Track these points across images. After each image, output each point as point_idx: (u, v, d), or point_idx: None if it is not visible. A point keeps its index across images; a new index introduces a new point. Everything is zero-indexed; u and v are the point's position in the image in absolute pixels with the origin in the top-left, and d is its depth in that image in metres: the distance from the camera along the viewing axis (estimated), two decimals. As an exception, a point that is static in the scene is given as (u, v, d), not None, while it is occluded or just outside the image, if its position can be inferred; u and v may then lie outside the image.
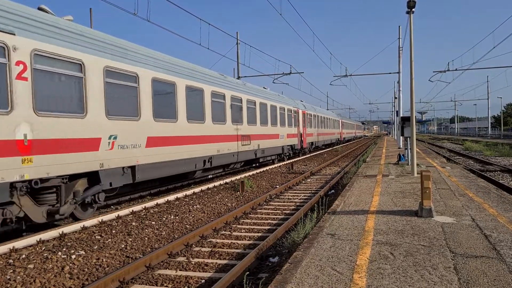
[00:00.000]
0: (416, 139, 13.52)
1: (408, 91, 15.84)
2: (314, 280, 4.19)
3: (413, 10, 12.19)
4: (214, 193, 12.53)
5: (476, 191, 9.55)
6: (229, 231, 8.05)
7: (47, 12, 8.12)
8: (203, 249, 6.87)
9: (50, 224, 8.48)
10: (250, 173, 17.63)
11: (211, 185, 13.87)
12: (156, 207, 10.31)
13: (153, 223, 8.67)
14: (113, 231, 7.97)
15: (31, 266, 5.93)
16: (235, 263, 5.97)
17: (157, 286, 5.34)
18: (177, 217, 9.29)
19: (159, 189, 13.30)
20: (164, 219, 9.07)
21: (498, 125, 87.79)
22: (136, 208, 9.86)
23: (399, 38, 29.85)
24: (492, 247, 5.13)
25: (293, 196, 12.12)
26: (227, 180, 15.01)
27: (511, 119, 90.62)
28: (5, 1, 6.94)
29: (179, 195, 11.76)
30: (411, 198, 8.83)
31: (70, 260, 6.23)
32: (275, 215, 9.50)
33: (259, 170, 18.60)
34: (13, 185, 6.86)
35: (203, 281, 5.45)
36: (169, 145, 11.40)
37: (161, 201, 10.88)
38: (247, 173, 17.40)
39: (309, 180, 15.72)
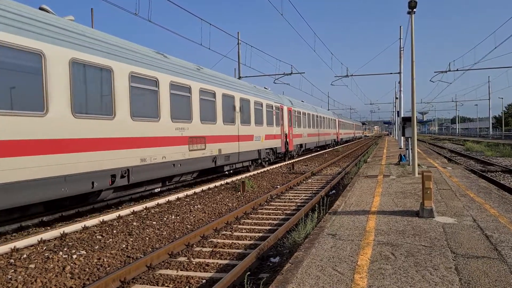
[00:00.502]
0: (417, 140, 13.51)
1: (409, 91, 15.87)
2: (315, 281, 4.19)
3: (414, 10, 12.18)
4: (215, 193, 12.53)
5: (477, 191, 9.54)
6: (230, 231, 8.05)
7: (48, 12, 8.13)
8: (204, 249, 6.88)
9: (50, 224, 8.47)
10: (251, 173, 17.64)
11: (212, 185, 13.87)
12: (157, 207, 10.32)
13: (154, 223, 8.68)
14: (114, 231, 7.97)
15: (32, 265, 5.94)
16: (236, 263, 5.97)
17: (158, 286, 5.34)
18: (178, 217, 9.29)
19: (159, 189, 13.20)
20: (165, 219, 9.08)
21: (499, 126, 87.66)
22: (137, 208, 9.87)
23: (400, 38, 29.84)
24: (493, 247, 5.12)
25: (294, 196, 12.12)
26: (228, 180, 15.01)
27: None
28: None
29: (180, 195, 11.76)
30: (412, 198, 8.82)
31: (71, 260, 6.23)
32: (276, 215, 9.50)
33: (260, 171, 18.60)
34: None
35: (204, 281, 5.45)
36: (34, 154, 7.13)
37: (162, 201, 10.89)
38: (248, 174, 17.41)
39: (310, 180, 15.72)
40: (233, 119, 15.85)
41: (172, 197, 11.44)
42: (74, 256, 6.39)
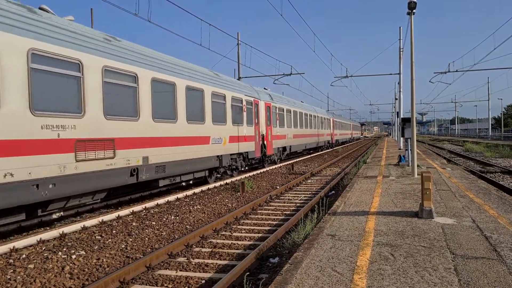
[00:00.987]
0: (417, 140, 13.52)
1: (408, 92, 15.88)
2: (315, 281, 4.19)
3: (413, 11, 12.19)
4: (214, 194, 12.53)
5: (477, 192, 9.55)
6: (230, 231, 8.05)
7: (47, 12, 8.13)
8: (203, 249, 6.88)
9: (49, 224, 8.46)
10: (251, 174, 17.63)
11: (211, 185, 13.87)
12: (157, 208, 10.32)
13: (154, 223, 8.68)
14: (114, 231, 7.97)
15: (31, 266, 5.94)
16: (236, 263, 5.97)
17: (157, 286, 5.34)
18: (177, 217, 9.29)
19: (159, 189, 13.20)
20: (164, 219, 9.07)
21: (498, 127, 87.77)
22: (137, 208, 9.86)
23: (399, 39, 29.87)
24: (493, 248, 5.12)
25: (294, 196, 12.12)
26: (228, 181, 15.00)
27: (511, 121, 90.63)
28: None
29: (180, 195, 11.77)
30: (411, 199, 8.83)
31: (71, 260, 6.23)
32: (276, 215, 9.50)
33: (259, 171, 18.60)
34: None
35: (203, 281, 5.45)
36: None
37: (161, 201, 10.89)
38: (248, 174, 17.40)
39: (309, 181, 15.73)
40: (173, 115, 11.60)
41: (172, 197, 11.44)
42: (73, 256, 6.39)
